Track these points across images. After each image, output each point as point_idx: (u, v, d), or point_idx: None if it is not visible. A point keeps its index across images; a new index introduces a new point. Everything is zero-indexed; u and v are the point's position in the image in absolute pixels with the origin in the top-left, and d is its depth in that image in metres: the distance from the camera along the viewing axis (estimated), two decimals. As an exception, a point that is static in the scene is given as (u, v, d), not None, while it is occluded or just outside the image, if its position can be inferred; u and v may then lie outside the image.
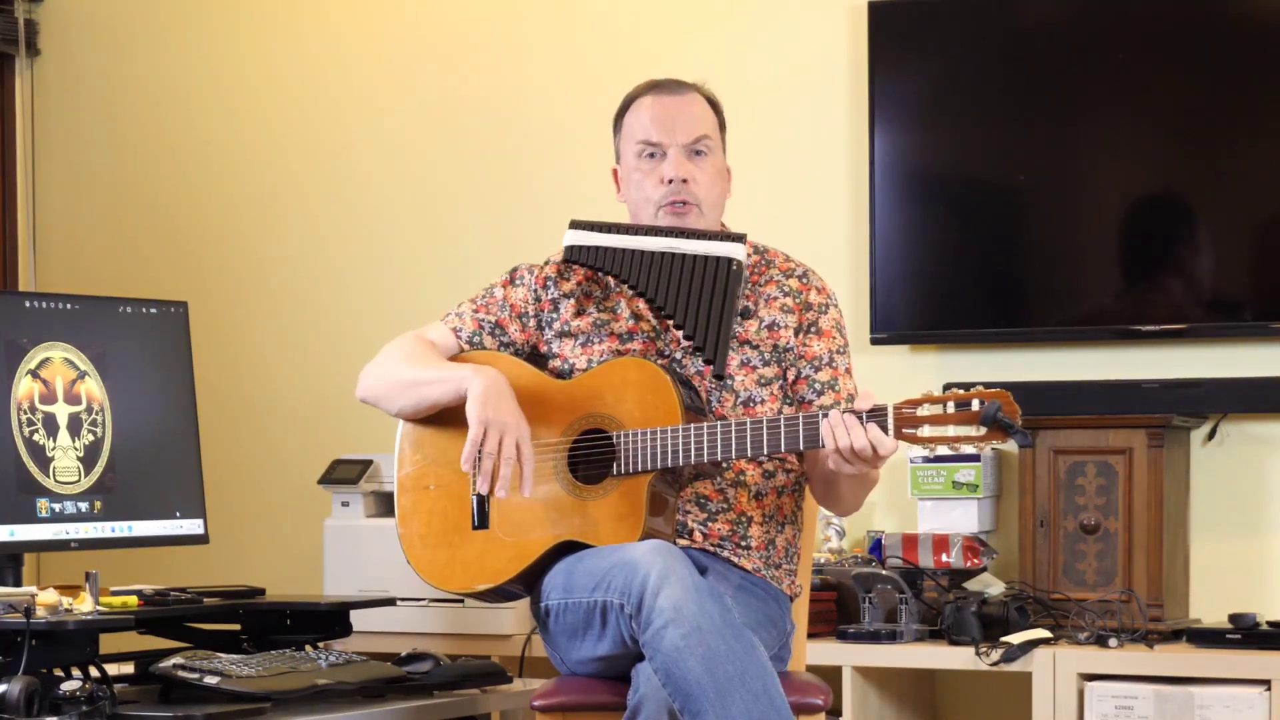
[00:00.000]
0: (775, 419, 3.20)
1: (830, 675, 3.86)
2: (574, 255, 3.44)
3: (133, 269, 5.34)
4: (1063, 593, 4.25)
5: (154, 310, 3.95)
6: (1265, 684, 3.92)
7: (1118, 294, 4.49)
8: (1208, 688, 3.94)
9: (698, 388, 3.36)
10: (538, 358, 3.49)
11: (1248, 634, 4.03)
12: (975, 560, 4.30)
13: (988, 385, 3.12)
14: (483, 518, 3.36)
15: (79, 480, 3.76)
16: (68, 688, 3.17)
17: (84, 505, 3.77)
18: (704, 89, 3.50)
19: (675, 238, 3.39)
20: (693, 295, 3.35)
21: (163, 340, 3.94)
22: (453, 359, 3.46)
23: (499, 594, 3.39)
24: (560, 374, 3.44)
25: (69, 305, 3.81)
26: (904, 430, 3.11)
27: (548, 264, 3.52)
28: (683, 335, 3.35)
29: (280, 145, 5.24)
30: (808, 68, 4.77)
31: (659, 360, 3.36)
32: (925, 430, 3.09)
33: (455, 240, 5.06)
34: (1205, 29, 4.42)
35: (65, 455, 3.74)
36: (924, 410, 3.10)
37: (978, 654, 4.07)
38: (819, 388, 3.41)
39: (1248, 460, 4.42)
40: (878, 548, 4.38)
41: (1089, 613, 4.17)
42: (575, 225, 3.46)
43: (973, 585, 4.32)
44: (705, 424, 3.22)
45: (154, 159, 5.36)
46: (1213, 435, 4.42)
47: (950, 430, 3.08)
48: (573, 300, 3.48)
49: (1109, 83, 4.48)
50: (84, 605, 3.37)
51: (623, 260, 3.40)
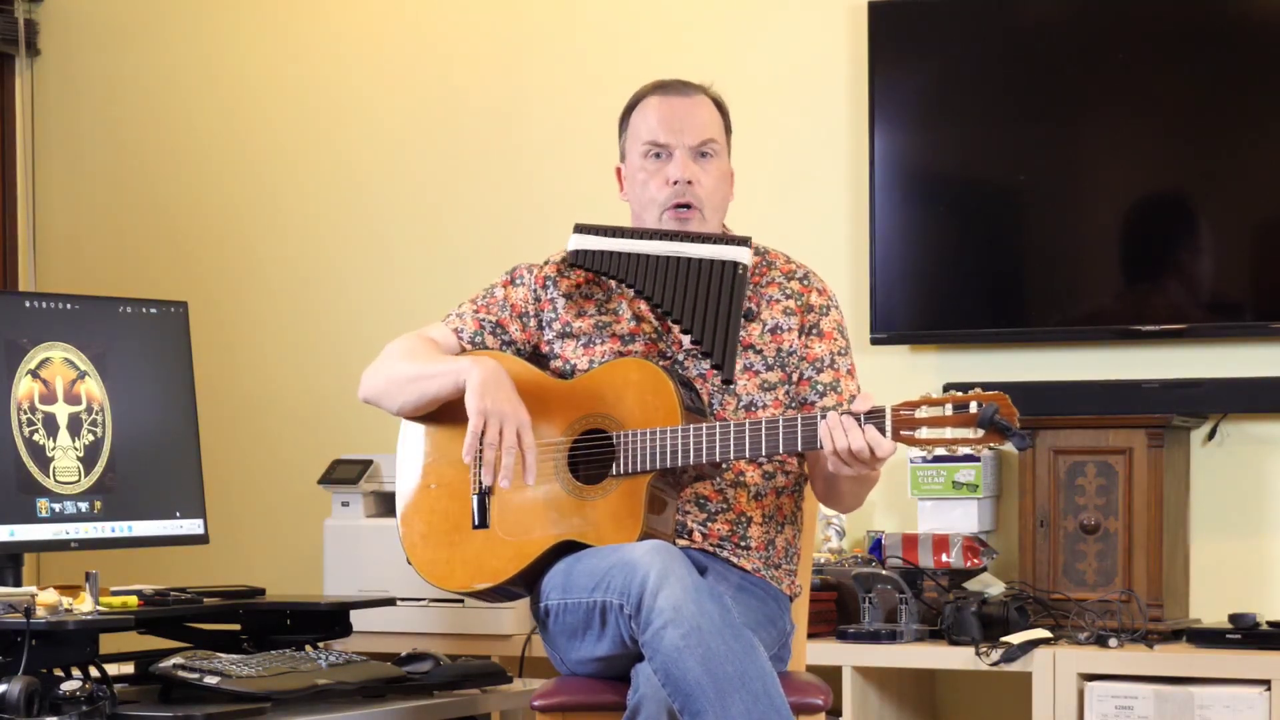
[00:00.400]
0: (774, 420, 3.19)
1: (830, 675, 3.86)
2: (579, 260, 3.43)
3: (133, 269, 5.34)
4: (1063, 593, 4.25)
5: (154, 310, 3.95)
6: (1265, 684, 3.92)
7: (1118, 294, 4.49)
8: (1208, 688, 3.94)
9: (699, 389, 3.36)
10: (539, 358, 3.49)
11: (1248, 634, 4.03)
12: (975, 560, 4.30)
13: (987, 386, 3.12)
14: (483, 517, 3.36)
15: (79, 480, 3.76)
16: (68, 688, 3.17)
17: (84, 505, 3.77)
18: (711, 91, 3.49)
19: (680, 241, 3.38)
20: (699, 300, 3.34)
21: (163, 340, 3.94)
22: (453, 359, 3.47)
23: (499, 594, 3.39)
24: (562, 374, 3.44)
25: (69, 305, 3.81)
26: (902, 432, 3.11)
27: (547, 264, 3.52)
28: (690, 340, 3.35)
29: (280, 145, 5.24)
30: (808, 68, 4.77)
31: (661, 362, 3.36)
32: (923, 432, 3.09)
33: (455, 240, 5.06)
34: (1205, 29, 4.42)
35: (65, 455, 3.74)
36: (922, 412, 3.10)
37: (978, 654, 4.07)
38: (821, 389, 3.41)
39: (1248, 460, 4.42)
40: (878, 548, 4.38)
41: (1089, 613, 4.17)
42: (580, 229, 3.45)
43: (973, 585, 4.32)
44: (705, 424, 3.22)
45: (154, 159, 5.36)
46: (1213, 435, 4.42)
47: (948, 432, 3.08)
48: (573, 301, 3.47)
49: (1109, 83, 4.48)
50: (84, 605, 3.37)
51: (628, 265, 3.39)
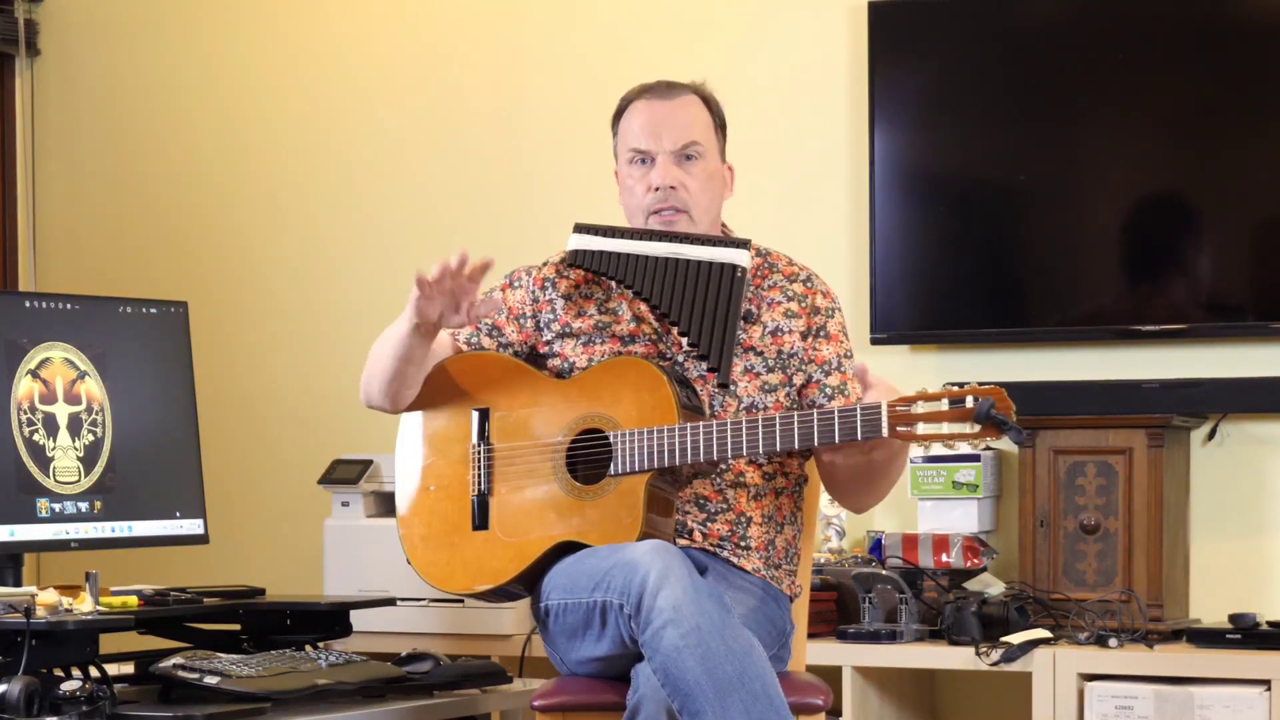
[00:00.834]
0: (770, 417, 3.19)
1: (830, 675, 3.86)
2: (578, 260, 3.43)
3: (133, 269, 5.34)
4: (1063, 593, 4.25)
5: (154, 310, 3.95)
6: (1265, 684, 3.92)
7: (1118, 294, 4.49)
8: (1208, 688, 3.94)
9: (699, 390, 3.35)
10: (536, 359, 3.49)
11: (1248, 634, 4.03)
12: (975, 560, 4.30)
13: (986, 384, 3.12)
14: (483, 518, 3.37)
15: (79, 480, 3.76)
16: (68, 688, 3.17)
17: (84, 505, 3.77)
18: (701, 89, 3.48)
19: (679, 243, 3.38)
20: (697, 302, 3.34)
21: (163, 340, 3.94)
22: (451, 360, 3.46)
23: (499, 594, 3.39)
24: (560, 374, 3.44)
25: (69, 305, 3.81)
26: (899, 428, 3.10)
27: (545, 265, 3.52)
28: (687, 342, 3.35)
29: (280, 145, 5.24)
30: (808, 68, 4.76)
31: (661, 362, 3.36)
32: (920, 428, 3.09)
33: (455, 240, 5.04)
34: (1205, 29, 4.42)
35: (65, 455, 3.74)
36: (918, 408, 3.09)
37: (978, 654, 4.07)
38: (829, 392, 3.41)
39: (1248, 460, 4.42)
40: (878, 548, 4.38)
41: (1089, 613, 4.17)
42: (579, 229, 3.45)
43: (973, 585, 4.32)
44: (701, 423, 3.22)
45: (154, 159, 5.36)
46: (1213, 435, 4.42)
47: (945, 427, 3.07)
48: (572, 301, 3.47)
49: (1109, 83, 4.47)
50: (84, 605, 3.37)
51: (626, 266, 3.39)
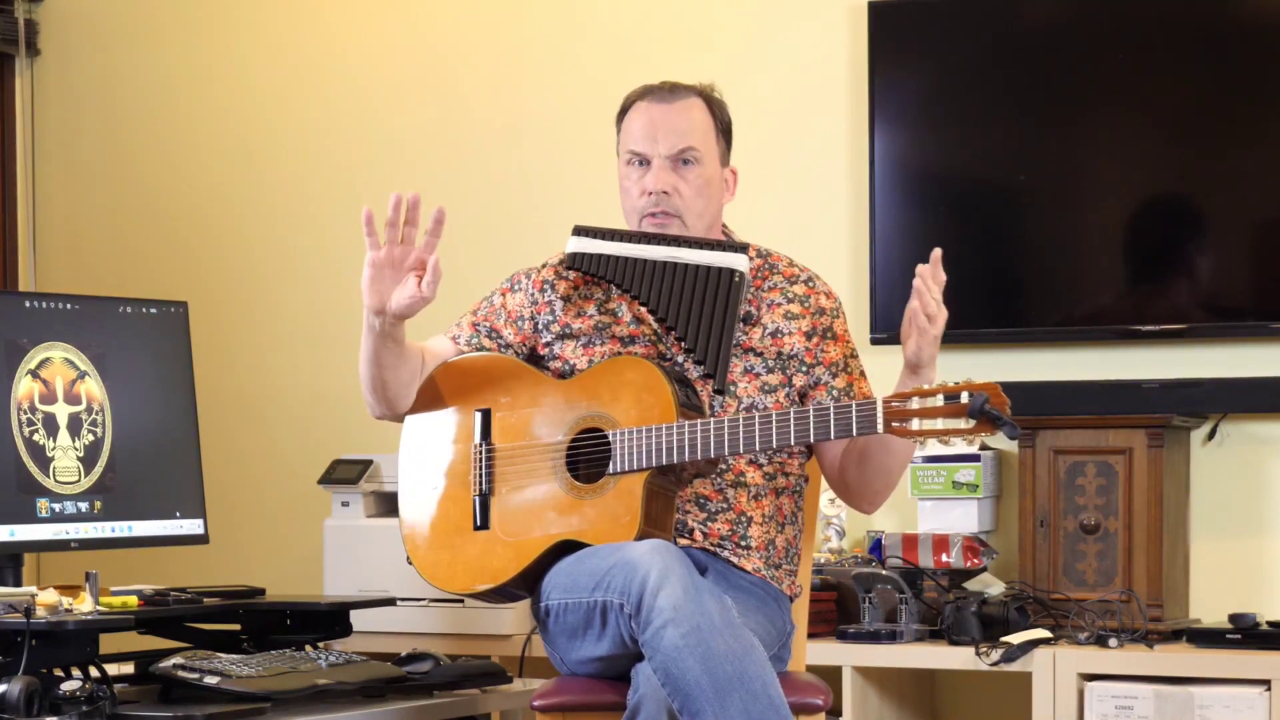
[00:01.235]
0: (767, 414, 3.20)
1: (830, 675, 3.86)
2: (576, 262, 3.43)
3: (133, 269, 5.34)
4: (1063, 593, 4.25)
5: (154, 310, 3.95)
6: (1265, 684, 3.92)
7: (1118, 294, 4.49)
8: (1208, 688, 3.94)
9: (700, 390, 3.35)
10: (536, 360, 3.49)
11: (1248, 634, 4.02)
12: (975, 560, 4.30)
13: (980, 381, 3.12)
14: (484, 518, 3.37)
15: (79, 480, 3.76)
16: (68, 688, 3.17)
17: (84, 505, 3.77)
18: (707, 92, 3.46)
19: (678, 246, 3.38)
20: (694, 306, 3.34)
21: (163, 340, 3.94)
22: (452, 362, 3.46)
23: (499, 594, 3.39)
24: (561, 374, 3.44)
25: (69, 305, 3.81)
26: (894, 424, 3.11)
27: (545, 267, 3.52)
28: (684, 347, 3.35)
29: (280, 145, 5.24)
30: (808, 68, 4.76)
31: (661, 362, 3.36)
32: (915, 424, 3.09)
33: (456, 241, 5.03)
34: (1205, 29, 4.42)
35: (65, 455, 3.74)
36: (914, 404, 3.09)
37: (978, 654, 4.07)
38: (836, 394, 3.41)
39: (1248, 460, 4.42)
40: (878, 548, 4.38)
41: (1089, 613, 4.17)
42: (578, 231, 3.44)
43: (973, 585, 4.32)
44: (700, 421, 3.22)
45: (154, 159, 5.36)
46: (1213, 435, 4.42)
47: (940, 423, 3.07)
48: (572, 303, 3.47)
49: (1109, 83, 4.47)
50: (84, 605, 3.37)
51: (624, 269, 3.39)
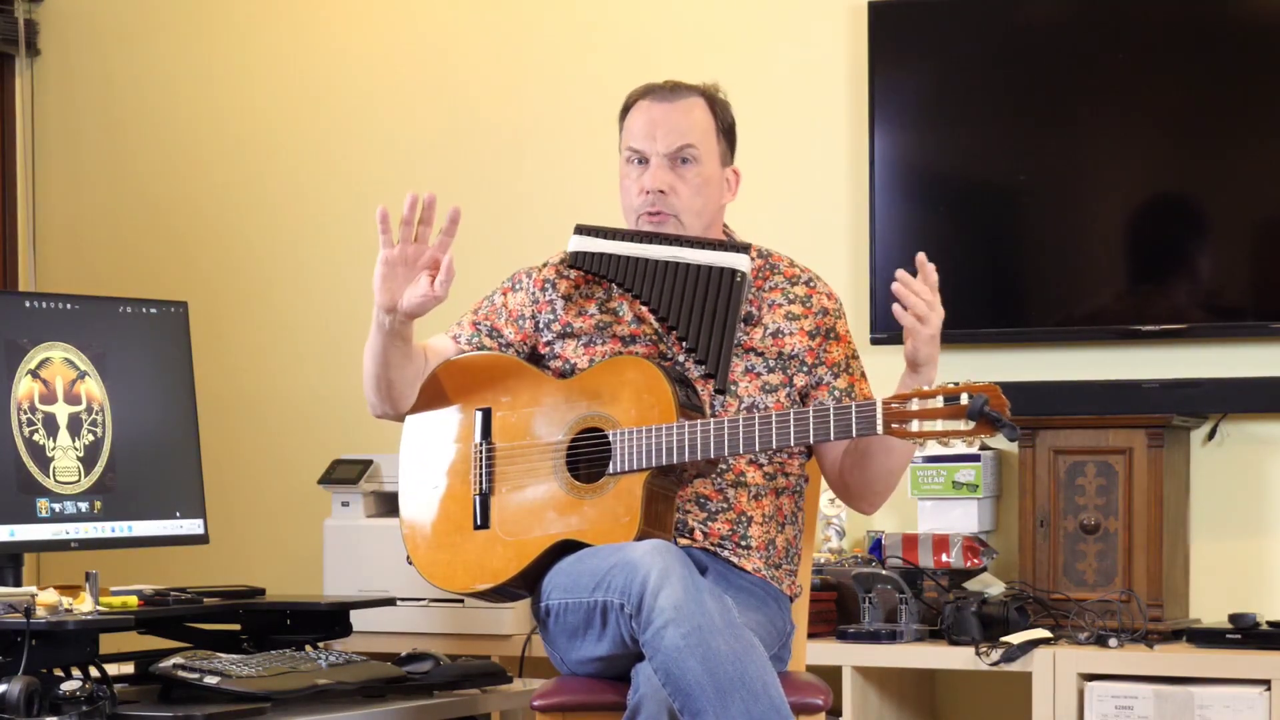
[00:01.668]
0: (767, 415, 3.20)
1: (830, 675, 3.86)
2: (578, 261, 3.43)
3: (133, 269, 5.34)
4: (1063, 593, 4.25)
5: (154, 310, 3.95)
6: (1265, 684, 3.92)
7: (1118, 294, 4.49)
8: (1208, 688, 3.94)
9: (701, 390, 3.35)
10: (537, 359, 3.49)
11: (1248, 634, 4.02)
12: (975, 560, 4.30)
13: (980, 382, 3.12)
14: (484, 517, 3.37)
15: (79, 480, 3.76)
16: (68, 688, 3.17)
17: (84, 505, 3.76)
18: (710, 92, 3.45)
19: (679, 246, 3.38)
20: (695, 306, 3.34)
21: (163, 340, 3.94)
22: (453, 361, 3.46)
23: (499, 594, 3.39)
24: (562, 374, 3.44)
25: (69, 305, 3.81)
26: (893, 425, 3.11)
27: (546, 266, 3.52)
28: (685, 347, 3.35)
29: (280, 145, 5.24)
30: (808, 68, 4.76)
31: (662, 362, 3.36)
32: (915, 425, 3.09)
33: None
34: (1205, 29, 4.42)
35: (65, 455, 3.74)
36: (913, 405, 3.09)
37: (978, 654, 4.07)
38: (838, 395, 3.41)
39: (1248, 460, 4.42)
40: (878, 548, 4.38)
41: (1089, 613, 4.17)
42: (580, 230, 3.44)
43: (973, 585, 4.32)
44: (700, 422, 3.22)
45: (154, 159, 5.36)
46: (1213, 435, 4.42)
47: (939, 424, 3.07)
48: (573, 302, 3.47)
49: (1109, 83, 4.47)
50: (84, 605, 3.37)
51: (626, 268, 3.39)
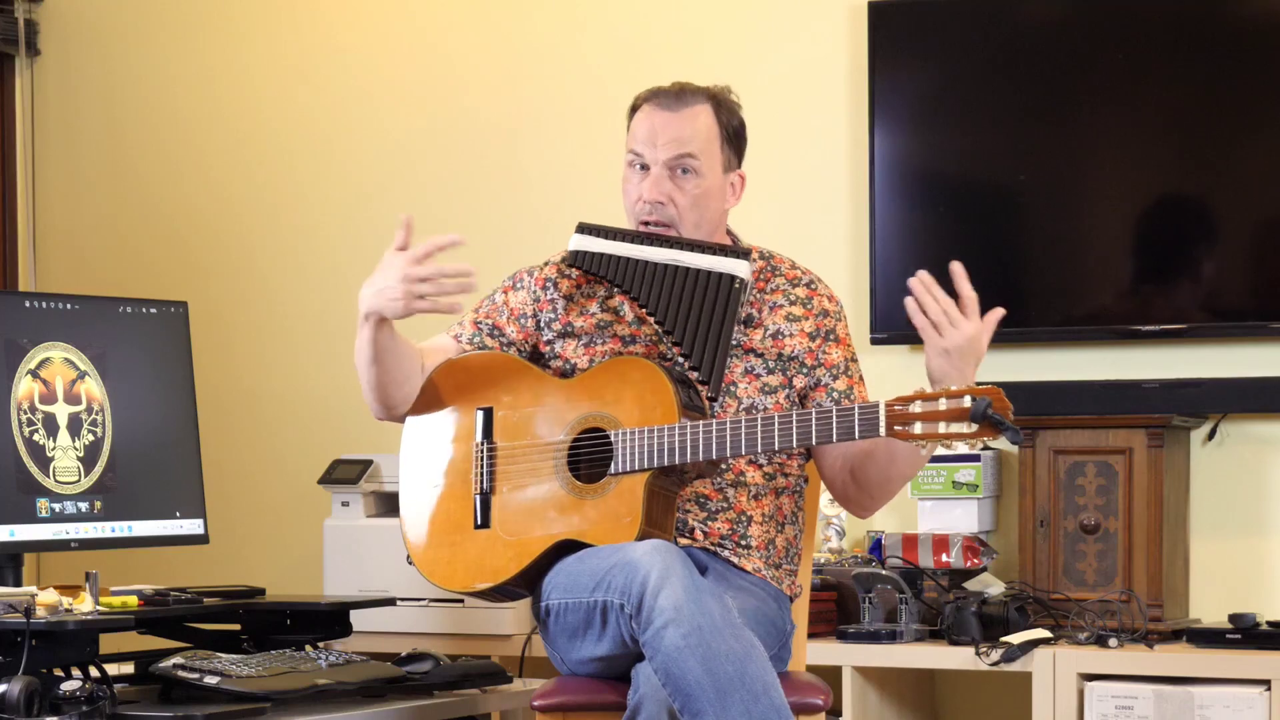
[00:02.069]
0: (769, 416, 3.19)
1: (830, 675, 3.86)
2: (578, 260, 3.43)
3: (133, 269, 5.34)
4: (1063, 593, 4.25)
5: (154, 310, 3.95)
6: (1265, 684, 3.92)
7: (1118, 294, 4.49)
8: (1208, 688, 3.94)
9: (700, 390, 3.35)
10: (537, 358, 3.49)
11: (1248, 634, 4.03)
12: (975, 560, 4.30)
13: (984, 384, 3.12)
14: (485, 517, 3.36)
15: (79, 480, 3.76)
16: (68, 688, 3.17)
17: (84, 505, 3.76)
18: (720, 95, 3.42)
19: (680, 249, 3.37)
20: (693, 312, 3.34)
21: (163, 340, 3.94)
22: (455, 360, 3.46)
23: (499, 593, 3.39)
24: (563, 374, 3.44)
25: (69, 305, 3.81)
26: (896, 427, 3.10)
27: (547, 265, 3.52)
28: (680, 353, 3.34)
29: (281, 145, 5.24)
30: (808, 68, 4.76)
31: (663, 362, 3.36)
32: (917, 427, 3.09)
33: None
34: (1205, 29, 4.42)
35: (65, 455, 3.74)
36: (916, 407, 3.09)
37: (978, 654, 4.07)
38: (837, 397, 3.41)
39: (1248, 460, 4.42)
40: (878, 548, 4.38)
41: (1089, 613, 4.17)
42: (582, 229, 3.44)
43: (973, 585, 4.32)
44: (702, 423, 3.22)
45: (154, 159, 5.36)
46: (1213, 435, 4.42)
47: (942, 427, 3.07)
48: (574, 302, 3.47)
49: (1109, 83, 4.47)
50: (84, 605, 3.36)
51: (625, 269, 3.39)
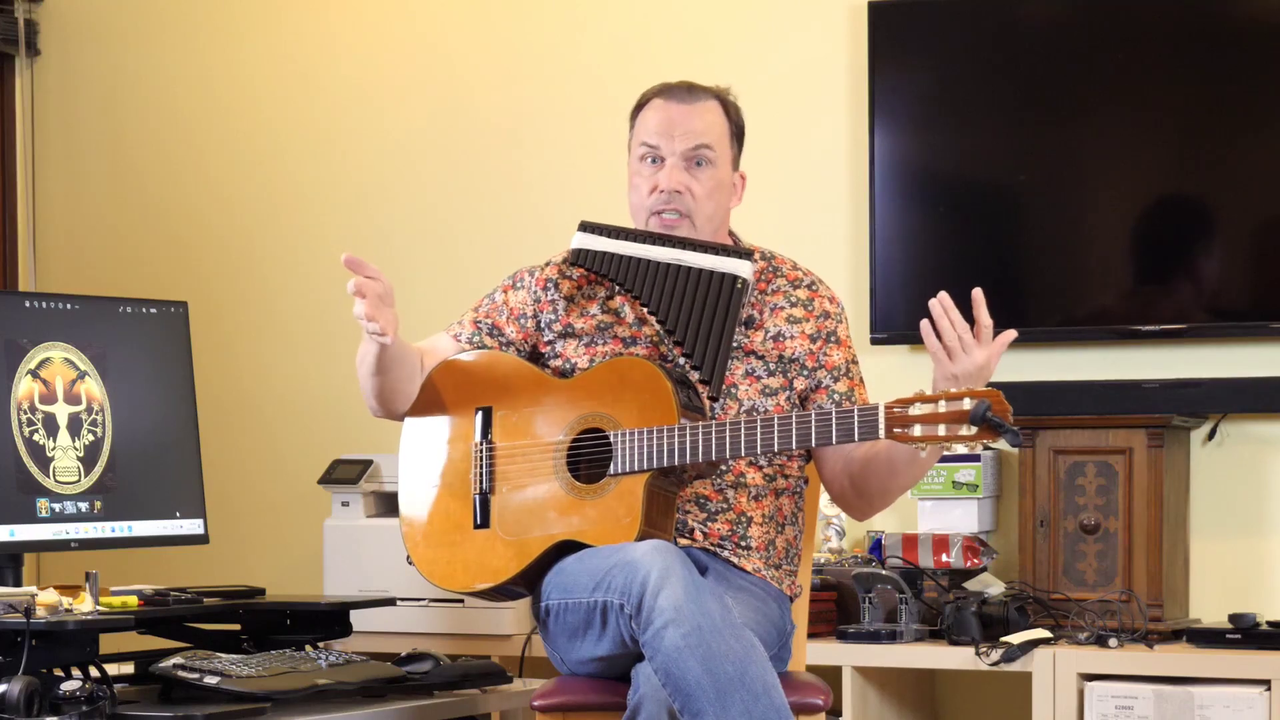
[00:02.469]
0: (769, 418, 3.20)
1: (830, 675, 3.86)
2: (580, 259, 3.43)
3: (133, 269, 5.34)
4: (1063, 593, 4.25)
5: (154, 310, 3.95)
6: (1265, 684, 3.92)
7: (1118, 294, 4.49)
8: (1208, 688, 3.94)
9: (700, 390, 3.35)
10: (537, 358, 3.49)
11: (1248, 634, 4.03)
12: (975, 560, 4.30)
13: (986, 385, 3.12)
14: (484, 517, 3.37)
15: (79, 480, 3.76)
16: (68, 688, 3.17)
17: (84, 505, 3.76)
18: (724, 95, 3.45)
19: (683, 249, 3.37)
20: (695, 311, 3.34)
21: (163, 340, 3.94)
22: (454, 359, 3.46)
23: (499, 593, 3.39)
24: (562, 374, 3.44)
25: (69, 305, 3.81)
26: (895, 429, 3.10)
27: (548, 265, 3.52)
28: (681, 352, 3.35)
29: (281, 145, 5.24)
30: (808, 68, 4.76)
31: (663, 363, 3.36)
32: (917, 429, 3.08)
33: (456, 241, 5.06)
34: (1205, 29, 4.42)
35: (65, 455, 3.74)
36: (915, 409, 3.09)
37: (978, 654, 4.07)
38: (837, 399, 3.41)
39: (1248, 460, 4.42)
40: (878, 548, 4.38)
41: (1089, 613, 4.17)
42: (584, 227, 3.45)
43: (973, 585, 4.32)
44: (701, 423, 3.22)
45: (154, 159, 5.36)
46: (1213, 435, 4.42)
47: (941, 429, 3.07)
48: (575, 302, 3.47)
49: (1109, 83, 4.48)
50: (84, 605, 3.37)
51: (628, 268, 3.39)
